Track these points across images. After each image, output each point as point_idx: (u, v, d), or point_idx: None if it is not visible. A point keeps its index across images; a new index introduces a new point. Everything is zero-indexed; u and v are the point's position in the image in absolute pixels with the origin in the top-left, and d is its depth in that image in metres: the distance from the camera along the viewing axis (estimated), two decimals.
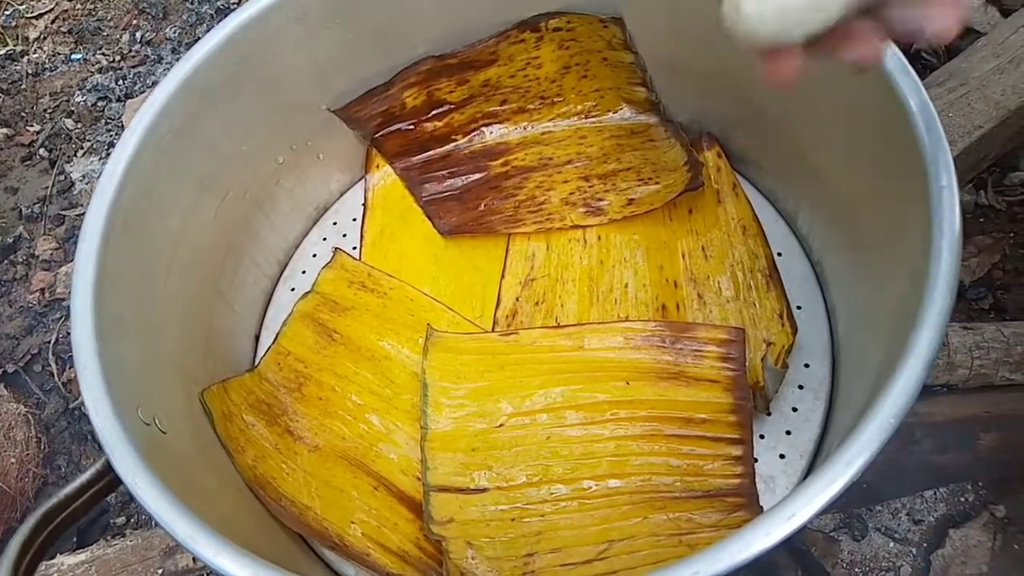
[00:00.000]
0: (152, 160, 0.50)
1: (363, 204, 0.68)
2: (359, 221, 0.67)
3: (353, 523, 0.52)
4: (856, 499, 0.74)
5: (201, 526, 0.35)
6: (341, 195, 0.70)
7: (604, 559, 0.48)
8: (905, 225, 0.43)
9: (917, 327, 0.37)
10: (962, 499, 0.79)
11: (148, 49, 1.26)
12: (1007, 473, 0.72)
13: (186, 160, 0.54)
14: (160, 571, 0.74)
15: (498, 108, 0.68)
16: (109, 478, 0.40)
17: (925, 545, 0.77)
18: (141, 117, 0.50)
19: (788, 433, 0.54)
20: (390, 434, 0.56)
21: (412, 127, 0.68)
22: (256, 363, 0.60)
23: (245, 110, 0.57)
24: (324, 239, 0.68)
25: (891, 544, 0.78)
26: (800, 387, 0.55)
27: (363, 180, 0.69)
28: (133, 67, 1.25)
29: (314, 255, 0.67)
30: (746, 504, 0.50)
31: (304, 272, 0.66)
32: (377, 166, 0.68)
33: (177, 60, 1.26)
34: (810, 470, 0.53)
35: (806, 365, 0.56)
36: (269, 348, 0.60)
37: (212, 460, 0.49)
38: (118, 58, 1.27)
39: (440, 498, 0.50)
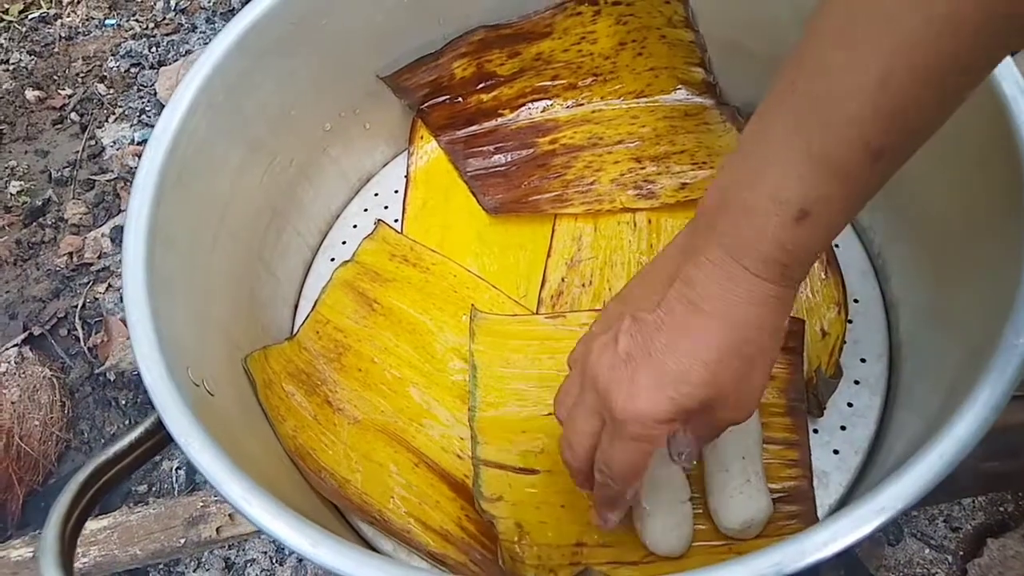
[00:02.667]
0: (205, 117, 0.49)
1: (406, 176, 0.66)
2: (401, 193, 0.66)
3: (394, 498, 0.50)
4: None
5: (255, 488, 0.34)
6: (384, 166, 0.69)
7: (652, 562, 0.47)
8: (995, 217, 0.41)
9: (1011, 327, 0.35)
10: (1001, 508, 0.78)
11: (182, 17, 1.25)
12: None
13: (237, 120, 0.52)
14: (183, 540, 0.73)
15: (548, 83, 0.66)
16: (158, 437, 0.38)
17: (962, 553, 0.75)
18: (196, 72, 0.49)
19: (843, 429, 0.52)
20: (431, 409, 0.54)
21: (460, 99, 0.66)
22: (295, 332, 0.58)
23: (297, 72, 0.56)
24: (365, 210, 0.67)
25: (927, 551, 0.76)
26: (856, 382, 0.54)
27: (407, 152, 0.67)
28: (167, 35, 1.23)
29: (355, 226, 0.66)
30: (802, 511, 0.48)
31: (344, 243, 0.65)
32: (422, 138, 0.67)
33: (211, 29, 1.25)
34: (865, 468, 0.51)
35: (862, 360, 0.55)
36: (307, 316, 0.59)
37: (255, 427, 0.48)
38: (152, 25, 1.25)
39: (490, 473, 0.49)
